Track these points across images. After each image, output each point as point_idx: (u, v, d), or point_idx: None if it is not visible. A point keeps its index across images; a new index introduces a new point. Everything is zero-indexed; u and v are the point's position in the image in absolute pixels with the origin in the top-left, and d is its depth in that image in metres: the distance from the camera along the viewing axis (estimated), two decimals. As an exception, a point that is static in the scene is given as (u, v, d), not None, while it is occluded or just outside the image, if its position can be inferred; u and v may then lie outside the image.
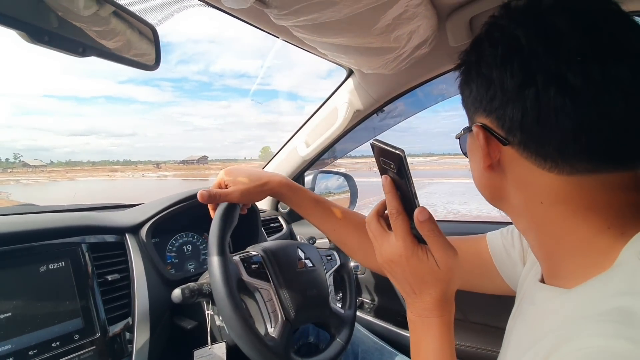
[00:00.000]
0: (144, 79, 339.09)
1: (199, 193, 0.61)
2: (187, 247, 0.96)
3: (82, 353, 0.58)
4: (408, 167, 0.37)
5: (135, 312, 0.67)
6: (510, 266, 0.55)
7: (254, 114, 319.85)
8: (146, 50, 0.61)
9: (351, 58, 0.75)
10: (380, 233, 0.42)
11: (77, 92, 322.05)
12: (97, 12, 0.53)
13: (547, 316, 0.35)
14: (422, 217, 0.38)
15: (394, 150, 0.37)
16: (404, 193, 0.39)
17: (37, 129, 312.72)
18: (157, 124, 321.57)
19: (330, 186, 1.49)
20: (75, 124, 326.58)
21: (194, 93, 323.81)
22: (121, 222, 0.76)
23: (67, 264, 0.62)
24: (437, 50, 0.79)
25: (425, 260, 0.39)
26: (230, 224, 0.62)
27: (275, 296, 0.64)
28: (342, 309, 0.76)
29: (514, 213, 0.39)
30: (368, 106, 1.01)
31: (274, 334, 0.60)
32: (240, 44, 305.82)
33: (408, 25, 0.65)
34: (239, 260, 0.64)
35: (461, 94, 0.41)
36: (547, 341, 0.30)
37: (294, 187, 0.67)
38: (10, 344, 0.53)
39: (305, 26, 0.60)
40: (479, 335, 0.90)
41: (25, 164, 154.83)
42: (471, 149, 0.41)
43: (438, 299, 0.39)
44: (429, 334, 0.40)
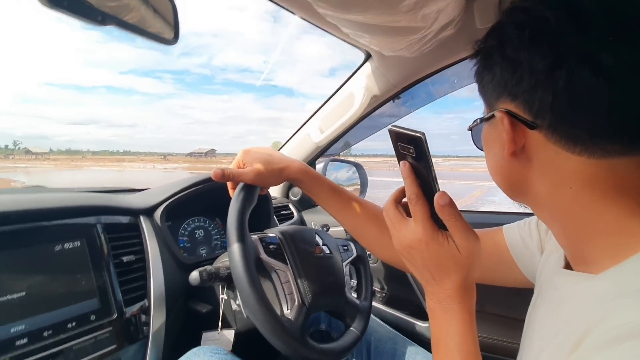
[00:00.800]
0: (145, 70, 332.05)
1: (213, 171, 0.60)
2: (199, 232, 0.95)
3: (99, 334, 0.57)
4: (429, 150, 0.37)
5: (152, 294, 0.66)
6: (527, 257, 0.54)
7: (255, 109, 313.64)
8: (164, 24, 0.59)
9: (374, 38, 0.72)
10: (399, 219, 0.42)
11: (78, 81, 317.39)
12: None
13: (573, 301, 0.35)
14: (442, 201, 0.37)
15: (414, 134, 0.37)
16: (423, 178, 0.39)
17: (38, 117, 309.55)
18: (158, 115, 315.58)
19: (340, 175, 1.48)
20: (76, 113, 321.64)
21: (196, 86, 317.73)
22: (135, 204, 0.75)
23: (82, 244, 0.61)
24: (462, 33, 0.76)
25: (446, 245, 0.38)
26: (250, 203, 0.61)
27: (292, 278, 0.62)
28: (357, 300, 0.74)
29: (537, 202, 0.38)
30: (386, 91, 0.98)
31: (290, 316, 0.59)
32: (244, 39, 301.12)
33: (436, 4, 0.62)
34: (257, 239, 0.62)
35: (479, 81, 0.39)
36: (577, 325, 0.30)
37: (313, 175, 0.66)
38: (24, 324, 0.53)
39: (330, 1, 0.57)
40: (496, 326, 0.89)
41: (27, 151, 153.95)
42: (489, 137, 0.40)
43: (459, 285, 0.39)
44: (451, 321, 0.39)
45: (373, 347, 0.87)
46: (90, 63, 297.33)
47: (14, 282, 0.53)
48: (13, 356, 0.50)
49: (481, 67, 0.38)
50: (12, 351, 0.50)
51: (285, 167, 0.63)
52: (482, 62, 0.38)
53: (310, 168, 0.66)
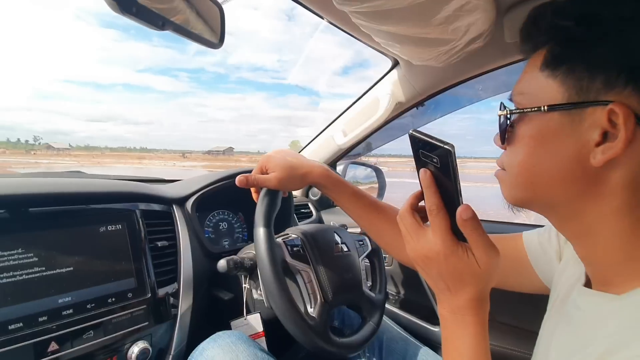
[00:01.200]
0: (161, 69, 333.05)
1: (237, 178, 0.62)
2: (223, 224, 0.99)
3: (134, 310, 0.62)
4: (456, 163, 0.34)
5: (181, 279, 0.71)
6: (545, 262, 0.54)
7: (268, 107, 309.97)
8: (210, 27, 0.64)
9: (404, 48, 0.74)
10: (415, 228, 0.40)
11: (96, 78, 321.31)
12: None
13: (597, 322, 0.34)
14: (465, 215, 0.35)
15: (442, 145, 0.34)
16: (444, 188, 0.37)
17: (56, 113, 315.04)
18: (173, 113, 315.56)
19: (359, 177, 1.50)
20: (93, 110, 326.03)
21: (210, 84, 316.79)
22: (169, 194, 0.80)
23: (123, 227, 0.66)
24: (490, 46, 0.78)
25: (466, 259, 0.37)
26: (274, 208, 0.64)
27: (314, 278, 0.66)
28: (372, 293, 0.78)
29: (580, 215, 0.36)
30: (410, 98, 1.00)
31: (314, 314, 0.63)
32: (258, 38, 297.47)
33: (467, 18, 0.65)
34: (282, 243, 0.66)
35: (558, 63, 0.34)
36: (599, 346, 0.30)
37: (335, 179, 0.66)
38: (70, 296, 0.58)
39: (366, 12, 0.60)
40: (507, 335, 0.90)
41: (49, 146, 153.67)
42: (553, 131, 0.35)
43: (474, 297, 0.38)
44: (464, 332, 0.38)
45: (385, 345, 0.89)
46: (107, 61, 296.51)
47: (63, 257, 0.58)
48: (59, 324, 0.55)
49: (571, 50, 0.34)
50: (59, 320, 0.55)
51: (308, 172, 0.64)
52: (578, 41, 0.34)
53: (333, 172, 0.67)
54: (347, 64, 25.94)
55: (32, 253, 0.56)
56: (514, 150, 0.39)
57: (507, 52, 0.81)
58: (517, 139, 0.38)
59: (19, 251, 0.55)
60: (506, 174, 0.41)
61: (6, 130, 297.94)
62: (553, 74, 0.35)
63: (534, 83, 0.37)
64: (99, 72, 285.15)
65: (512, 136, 0.39)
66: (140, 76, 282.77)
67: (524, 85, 0.38)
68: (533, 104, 0.36)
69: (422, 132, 0.36)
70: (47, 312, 0.55)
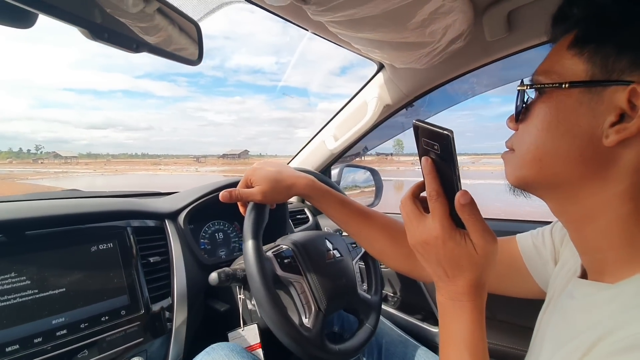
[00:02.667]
0: (160, 74, 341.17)
1: (221, 194, 0.63)
2: (218, 234, 1.00)
3: (128, 328, 0.63)
4: (455, 150, 0.35)
5: (175, 293, 0.72)
6: (540, 265, 0.54)
7: (267, 110, 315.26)
8: (188, 45, 0.64)
9: (384, 53, 0.75)
10: (416, 214, 0.41)
11: (96, 85, 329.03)
12: (143, 9, 0.57)
13: (589, 310, 0.35)
14: (463, 200, 0.36)
15: (441, 131, 0.35)
16: (445, 175, 0.38)
17: (57, 122, 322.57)
18: (173, 118, 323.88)
19: (356, 180, 1.50)
20: (94, 117, 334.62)
21: (209, 88, 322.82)
22: (161, 209, 0.81)
23: (114, 245, 0.67)
24: (472, 45, 0.78)
25: (463, 244, 0.38)
26: (262, 221, 0.64)
27: (307, 288, 0.66)
28: (368, 295, 0.78)
29: (583, 199, 0.36)
30: (398, 101, 1.01)
31: (309, 324, 0.63)
32: (255, 41, 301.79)
33: (444, 20, 0.65)
34: (272, 257, 0.67)
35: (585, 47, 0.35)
36: (592, 332, 0.30)
37: (321, 189, 0.66)
38: (64, 317, 0.59)
39: (342, 22, 0.61)
40: (505, 333, 0.90)
41: (56, 155, 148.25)
42: (571, 109, 0.35)
43: (472, 283, 0.38)
44: (461, 318, 0.39)
45: (384, 349, 0.89)
46: (106, 68, 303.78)
47: (55, 278, 0.59)
48: (54, 345, 0.56)
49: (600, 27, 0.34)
50: (53, 341, 0.56)
51: (293, 184, 0.64)
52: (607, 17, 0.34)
53: (318, 182, 0.67)
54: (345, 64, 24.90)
55: (24, 276, 0.57)
56: (527, 129, 0.39)
57: (489, 50, 0.81)
58: (532, 116, 0.39)
59: (12, 275, 0.56)
60: (514, 154, 0.41)
61: (8, 140, 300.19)
62: (580, 51, 0.35)
63: (559, 61, 0.37)
64: (98, 79, 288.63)
65: (527, 114, 0.39)
66: (139, 82, 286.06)
67: (547, 64, 0.39)
68: (555, 82, 0.36)
69: (424, 121, 0.37)
70: (41, 334, 0.56)
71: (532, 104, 0.39)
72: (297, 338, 0.58)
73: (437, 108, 1.22)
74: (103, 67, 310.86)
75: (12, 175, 57.53)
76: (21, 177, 57.12)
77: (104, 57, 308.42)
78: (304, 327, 0.62)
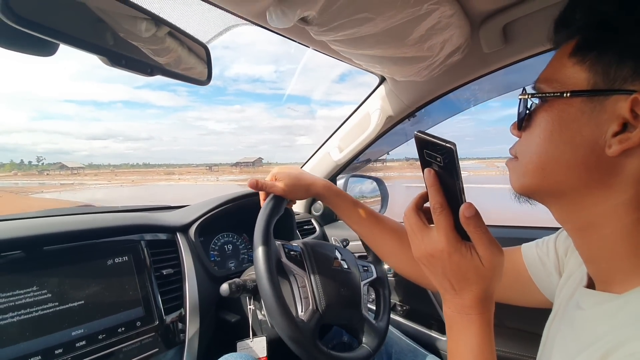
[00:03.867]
0: (160, 85, 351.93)
1: (249, 180, 0.69)
2: (228, 246, 1.02)
3: (144, 338, 0.65)
4: (458, 162, 0.35)
5: (187, 304, 0.74)
6: (545, 275, 0.54)
7: (267, 118, 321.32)
8: (197, 65, 0.68)
9: (385, 67, 0.78)
10: (420, 227, 0.41)
11: (96, 96, 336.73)
12: (155, 33, 0.60)
13: (598, 321, 0.34)
14: (468, 213, 0.35)
15: (444, 144, 0.35)
16: (448, 187, 0.37)
17: (58, 133, 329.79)
18: (173, 128, 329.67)
19: (361, 190, 1.52)
20: (94, 128, 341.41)
21: (209, 98, 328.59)
22: (173, 222, 0.83)
23: (129, 259, 0.69)
24: (470, 57, 0.81)
25: (469, 257, 0.37)
26: (277, 212, 0.67)
27: (309, 284, 0.66)
28: (373, 320, 0.75)
29: (588, 207, 0.36)
30: (400, 112, 1.03)
31: (303, 317, 0.62)
32: (254, 50, 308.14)
33: (441, 35, 0.68)
34: (280, 244, 0.68)
35: (587, 51, 0.34)
36: (601, 344, 0.30)
37: (336, 191, 0.72)
38: (83, 329, 0.61)
39: (343, 40, 0.64)
40: (512, 340, 0.89)
41: (62, 166, 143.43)
42: (574, 118, 0.35)
43: (479, 296, 0.38)
44: (469, 331, 0.38)
45: (394, 359, 0.89)
46: (107, 79, 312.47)
47: (74, 291, 0.62)
48: (74, 356, 0.58)
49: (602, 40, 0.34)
50: (73, 352, 0.59)
51: (312, 184, 0.71)
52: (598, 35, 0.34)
53: (334, 185, 0.73)
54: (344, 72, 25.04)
55: (45, 290, 0.60)
56: (530, 137, 0.39)
57: (487, 61, 0.84)
58: (534, 125, 0.38)
59: (34, 289, 0.59)
60: (518, 162, 0.41)
61: (8, 152, 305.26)
62: (582, 59, 0.35)
63: (561, 70, 0.37)
64: (98, 91, 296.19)
65: (530, 123, 0.39)
66: (139, 92, 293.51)
67: (549, 72, 0.38)
68: (556, 91, 0.36)
69: (426, 132, 0.37)
70: (62, 345, 0.58)
71: (534, 112, 0.39)
72: (287, 321, 0.57)
73: (440, 117, 1.24)
74: (103, 79, 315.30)
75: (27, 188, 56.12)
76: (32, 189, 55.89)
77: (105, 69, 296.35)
78: (298, 318, 0.60)
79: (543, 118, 0.37)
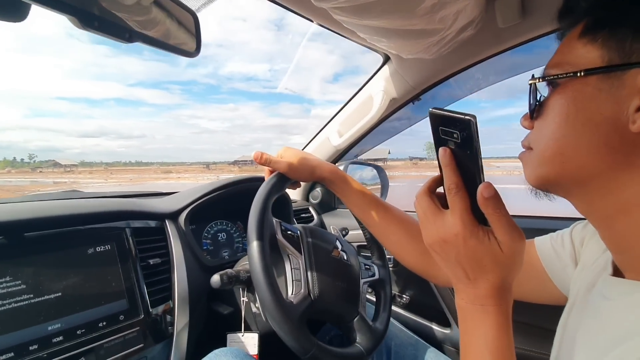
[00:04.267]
0: (153, 82, 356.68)
1: (254, 153, 0.65)
2: (221, 235, 0.97)
3: (127, 333, 0.60)
4: (478, 136, 0.32)
5: (176, 296, 0.69)
6: (560, 268, 0.52)
7: (261, 117, 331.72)
8: (186, 37, 0.62)
9: (391, 42, 0.71)
10: (433, 211, 0.38)
11: (89, 94, 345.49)
12: (139, 1, 0.54)
13: (629, 311, 0.32)
14: (487, 193, 0.32)
15: (462, 117, 0.32)
16: (465, 167, 0.35)
17: (50, 130, 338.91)
18: (166, 126, 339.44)
19: (361, 177, 1.47)
20: (86, 126, 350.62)
21: (202, 96, 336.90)
22: (161, 209, 0.78)
23: (112, 247, 0.64)
24: (483, 32, 0.75)
25: (487, 242, 0.34)
26: (277, 189, 0.63)
27: (302, 267, 0.61)
28: (369, 320, 0.70)
29: (614, 192, 0.34)
30: (404, 94, 0.97)
31: (292, 299, 0.57)
32: (248, 48, 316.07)
33: (455, 5, 0.61)
34: (277, 222, 0.63)
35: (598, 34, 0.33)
36: (634, 334, 0.29)
37: (343, 176, 0.68)
38: (60, 323, 0.56)
39: (346, 8, 0.58)
40: (523, 335, 0.86)
41: (55, 163, 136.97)
42: (590, 97, 0.33)
43: (495, 286, 0.35)
44: (484, 324, 0.35)
45: (393, 352, 0.86)
46: (99, 76, 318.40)
47: (51, 283, 0.57)
48: (50, 352, 0.54)
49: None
50: (50, 348, 0.54)
51: (318, 166, 0.67)
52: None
53: (340, 170, 0.69)
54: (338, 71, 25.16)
55: (19, 280, 0.54)
56: (544, 124, 0.37)
57: (501, 38, 0.78)
58: (548, 110, 0.36)
59: (7, 279, 0.54)
60: (532, 152, 0.39)
61: (2, 150, 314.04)
62: (593, 38, 0.33)
63: (571, 52, 0.35)
64: (91, 88, 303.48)
65: (542, 109, 0.37)
66: (132, 90, 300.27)
67: (559, 57, 0.36)
68: (569, 72, 0.34)
69: (442, 108, 0.34)
70: (37, 341, 0.53)
71: (546, 99, 0.37)
72: (274, 300, 0.51)
73: (443, 102, 1.18)
74: (96, 76, 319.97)
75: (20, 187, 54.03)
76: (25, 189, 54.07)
77: (97, 66, 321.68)
78: (287, 300, 0.55)
79: (557, 102, 0.35)
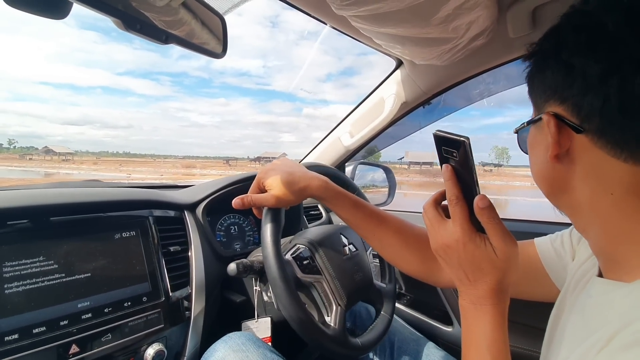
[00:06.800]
0: (142, 72, 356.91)
1: (233, 201, 0.62)
2: (234, 227, 1.01)
3: (149, 314, 0.65)
4: (472, 154, 0.37)
5: (193, 282, 0.73)
6: (560, 267, 0.54)
7: (252, 113, 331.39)
8: (213, 38, 0.65)
9: (405, 48, 0.75)
10: (438, 220, 0.43)
11: (74, 80, 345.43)
12: (169, 2, 0.58)
13: (605, 307, 0.35)
14: (482, 204, 0.38)
15: (458, 138, 0.37)
16: (465, 182, 0.40)
17: (31, 116, 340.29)
18: (154, 117, 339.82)
19: (369, 178, 1.50)
20: (70, 113, 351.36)
21: (193, 89, 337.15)
22: (181, 200, 0.82)
23: (137, 234, 0.68)
24: (495, 42, 0.77)
25: (483, 247, 0.39)
26: (278, 225, 0.62)
27: (328, 287, 0.68)
28: (383, 284, 0.81)
29: (575, 207, 0.38)
30: (415, 98, 1.00)
31: (331, 322, 0.65)
32: (242, 43, 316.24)
33: (468, 16, 0.64)
34: (292, 260, 0.68)
35: (530, 84, 0.41)
36: (608, 328, 0.31)
37: (334, 191, 0.64)
38: (89, 301, 0.61)
39: (365, 16, 0.61)
40: (517, 334, 0.88)
41: (48, 150, 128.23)
42: (535, 140, 0.40)
43: (493, 287, 0.39)
44: (482, 322, 0.40)
45: (396, 347, 0.89)
46: (86, 63, 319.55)
47: (81, 264, 0.61)
48: (79, 328, 0.58)
49: (534, 69, 0.40)
50: (79, 324, 0.58)
51: (306, 186, 0.62)
52: (535, 65, 0.39)
53: (332, 184, 0.64)
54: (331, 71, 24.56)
55: (52, 260, 0.59)
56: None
57: (512, 47, 0.80)
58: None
59: (40, 259, 0.58)
60: None
61: None
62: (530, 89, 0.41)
63: None
64: (76, 74, 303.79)
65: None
66: (120, 79, 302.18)
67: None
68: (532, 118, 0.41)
69: (444, 130, 0.40)
70: (67, 317, 0.57)
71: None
72: (321, 338, 0.60)
73: (453, 107, 1.21)
74: (83, 62, 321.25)
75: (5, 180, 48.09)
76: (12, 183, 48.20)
77: (84, 52, 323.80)
78: (326, 325, 0.64)
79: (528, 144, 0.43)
